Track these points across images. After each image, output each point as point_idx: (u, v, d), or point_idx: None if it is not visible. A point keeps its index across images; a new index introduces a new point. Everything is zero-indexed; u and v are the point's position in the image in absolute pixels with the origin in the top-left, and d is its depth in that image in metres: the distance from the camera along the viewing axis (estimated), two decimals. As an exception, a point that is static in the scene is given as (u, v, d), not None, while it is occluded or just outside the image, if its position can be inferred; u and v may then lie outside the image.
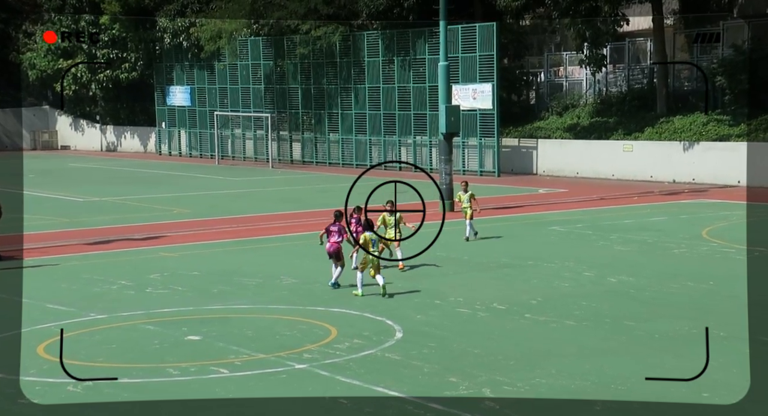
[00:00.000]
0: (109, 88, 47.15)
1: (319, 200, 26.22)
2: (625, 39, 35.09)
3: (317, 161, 40.24)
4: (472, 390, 8.54)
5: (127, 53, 46.08)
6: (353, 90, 38.17)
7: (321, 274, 14.51)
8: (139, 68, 46.44)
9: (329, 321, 11.37)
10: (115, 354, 9.99)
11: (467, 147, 34.36)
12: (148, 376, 9.13)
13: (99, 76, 46.92)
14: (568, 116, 35.24)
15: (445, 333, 10.76)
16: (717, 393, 8.26)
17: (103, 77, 46.87)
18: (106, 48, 46.49)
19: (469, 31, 33.17)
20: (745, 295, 12.38)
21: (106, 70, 46.44)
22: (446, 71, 23.23)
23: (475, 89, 33.03)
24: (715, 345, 9.90)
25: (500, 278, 14.04)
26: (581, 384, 8.65)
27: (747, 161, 27.55)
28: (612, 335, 10.48)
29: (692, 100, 32.42)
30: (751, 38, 30.71)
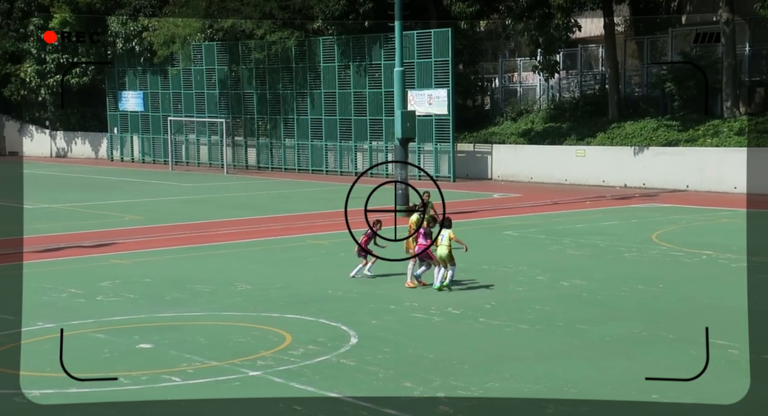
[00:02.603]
0: (59, 93, 46.32)
1: (275, 206, 26.08)
2: (577, 45, 35.62)
3: (273, 166, 40.04)
4: (427, 395, 8.54)
5: (77, 58, 45.34)
6: (309, 95, 38.10)
7: (276, 280, 14.43)
8: (90, 73, 45.74)
9: (284, 327, 11.29)
10: (64, 363, 9.78)
11: (423, 152, 34.51)
12: (97, 386, 8.95)
13: (48, 81, 46.09)
14: (522, 121, 35.63)
15: (401, 337, 10.76)
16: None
17: (53, 82, 46.06)
18: (56, 52, 45.71)
19: (424, 36, 33.36)
20: (694, 298, 12.62)
21: (56, 75, 45.63)
22: (402, 77, 23.32)
23: (431, 95, 33.21)
24: (664, 347, 10.08)
25: (455, 282, 14.09)
26: (534, 387, 8.72)
27: (694, 166, 28.15)
28: (565, 338, 10.58)
29: (643, 106, 33.03)
30: (698, 45, 31.38)
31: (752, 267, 14.80)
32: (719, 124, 28.96)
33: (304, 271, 15.36)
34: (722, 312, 11.67)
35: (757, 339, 10.29)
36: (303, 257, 16.92)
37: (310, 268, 15.72)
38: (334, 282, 14.15)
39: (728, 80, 29.40)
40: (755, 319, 11.35)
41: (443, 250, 13.29)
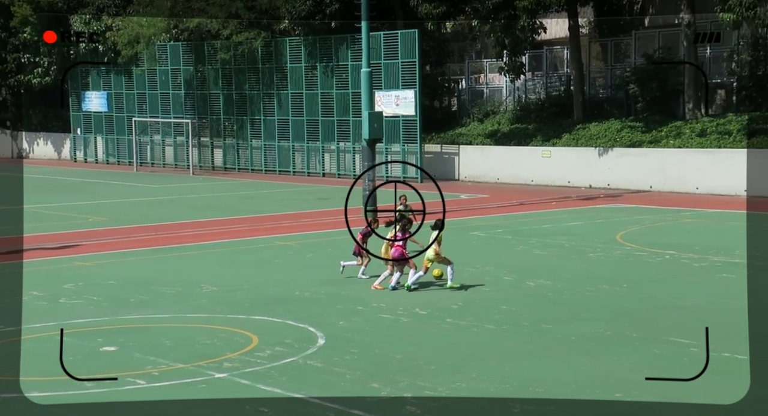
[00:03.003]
0: (20, 93, 45.64)
1: (241, 207, 25.93)
2: (542, 47, 35.93)
3: (239, 167, 39.82)
4: (394, 396, 8.55)
5: (39, 58, 44.68)
6: (276, 96, 37.95)
7: (243, 282, 14.34)
8: (52, 73, 45.09)
9: (250, 328, 11.23)
10: (25, 367, 9.63)
11: (390, 153, 34.55)
12: (59, 389, 8.83)
13: (9, 81, 45.36)
14: (489, 122, 35.84)
15: (368, 338, 10.76)
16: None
17: (14, 82, 45.33)
18: (17, 52, 45.00)
19: (391, 37, 33.40)
20: (657, 297, 12.79)
21: (18, 75, 44.93)
22: (369, 78, 23.31)
23: (398, 96, 33.26)
24: (628, 346, 10.20)
25: (422, 283, 14.12)
26: (501, 386, 8.77)
27: (657, 167, 28.54)
28: (531, 338, 10.66)
29: (607, 108, 33.41)
30: (661, 47, 31.85)
31: (713, 267, 15.05)
32: (681, 125, 29.39)
33: (271, 272, 15.30)
34: (684, 311, 11.84)
35: (716, 337, 10.45)
36: (270, 258, 16.84)
37: (277, 269, 15.65)
38: (301, 283, 14.11)
39: (690, 82, 29.85)
40: (716, 317, 11.54)
41: (430, 252, 13.28)
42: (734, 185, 26.55)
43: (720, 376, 8.72)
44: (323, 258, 16.72)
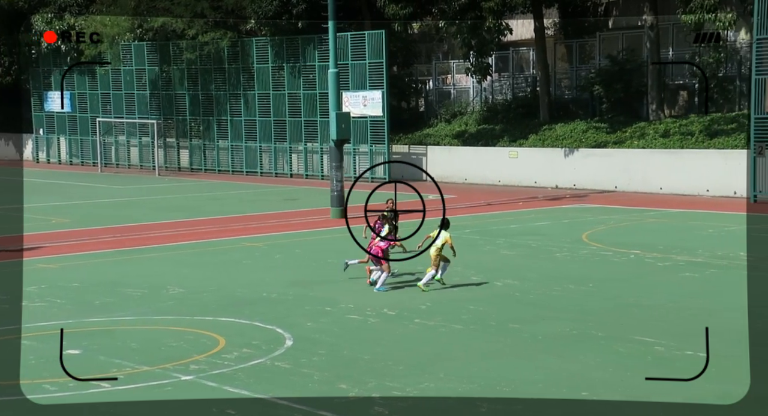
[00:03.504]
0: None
1: (208, 208, 25.74)
2: (509, 48, 36.17)
3: (206, 168, 39.53)
4: (362, 397, 8.55)
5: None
6: (242, 96, 37.75)
7: (209, 283, 14.24)
8: (13, 72, 44.34)
9: (217, 330, 11.15)
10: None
11: (358, 154, 34.54)
12: (22, 393, 8.68)
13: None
14: (456, 123, 35.99)
15: (336, 339, 10.74)
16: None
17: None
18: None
19: (358, 38, 33.40)
20: (622, 296, 12.93)
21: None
22: (336, 78, 23.27)
23: (365, 96, 33.26)
24: (593, 345, 10.30)
25: (391, 283, 14.13)
26: (468, 386, 8.81)
27: (622, 167, 28.87)
28: (498, 338, 10.72)
29: (572, 109, 33.73)
30: (624, 49, 32.24)
31: (676, 266, 15.27)
32: (645, 126, 29.76)
33: (239, 274, 15.21)
34: (649, 310, 11.98)
35: (679, 336, 10.60)
36: (237, 259, 16.74)
37: (245, 271, 15.56)
38: (269, 285, 14.04)
39: (653, 83, 30.25)
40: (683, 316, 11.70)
41: (433, 251, 13.38)
42: (697, 185, 26.95)
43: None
44: (291, 259, 16.67)
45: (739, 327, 10.88)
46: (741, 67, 29.44)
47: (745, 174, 25.14)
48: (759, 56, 24.52)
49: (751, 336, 10.44)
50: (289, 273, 15.07)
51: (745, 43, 29.22)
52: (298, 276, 14.77)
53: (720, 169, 26.49)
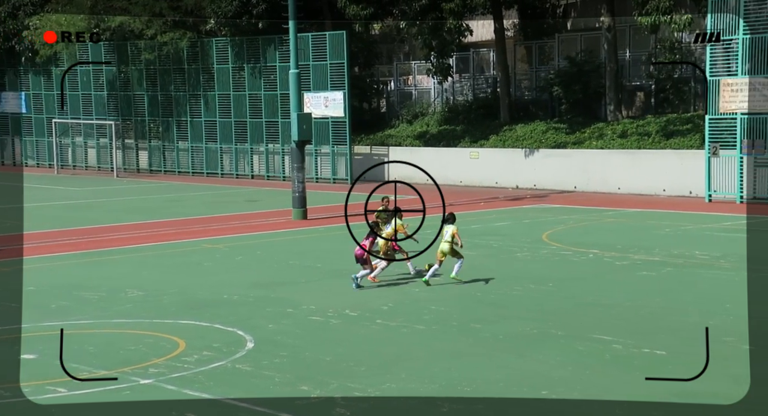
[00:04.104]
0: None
1: (168, 210, 25.47)
2: (469, 49, 36.39)
3: (166, 169, 39.13)
4: (323, 398, 8.53)
5: None
6: (203, 97, 37.44)
7: (169, 285, 14.10)
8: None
9: (177, 333, 11.04)
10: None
11: (320, 155, 34.48)
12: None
13: None
14: (418, 123, 36.11)
15: (298, 341, 10.70)
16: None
17: None
18: None
19: (319, 39, 33.33)
20: (581, 296, 13.08)
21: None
22: (297, 79, 23.20)
23: (327, 97, 33.21)
24: (553, 344, 10.40)
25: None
26: (430, 386, 8.83)
27: (581, 168, 29.22)
28: (459, 338, 10.77)
29: (532, 109, 34.05)
30: (583, 50, 32.64)
31: (633, 265, 15.50)
32: (603, 127, 30.16)
33: (199, 276, 15.07)
34: (607, 309, 12.14)
35: (637, 334, 10.76)
36: (197, 261, 16.59)
37: (205, 273, 15.43)
38: (230, 287, 13.94)
39: (611, 84, 30.66)
40: (643, 315, 11.88)
41: (445, 246, 13.57)
42: (654, 185, 27.38)
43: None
44: (252, 261, 16.57)
45: (694, 325, 11.07)
46: (695, 69, 29.98)
47: (700, 174, 25.61)
48: (713, 58, 25.00)
49: (703, 332, 10.63)
50: (250, 275, 14.98)
51: (700, 45, 29.76)
52: (259, 278, 14.69)
53: (676, 169, 26.94)
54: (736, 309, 11.80)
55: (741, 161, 24.53)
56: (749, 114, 24.10)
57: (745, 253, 16.19)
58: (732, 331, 10.66)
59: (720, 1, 24.70)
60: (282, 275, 15.02)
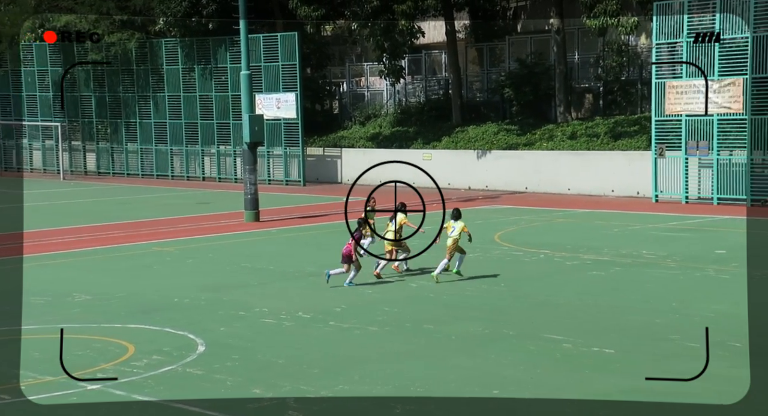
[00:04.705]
0: None
1: (117, 213, 25.05)
2: (421, 51, 36.55)
3: (114, 172, 38.53)
4: (276, 401, 8.47)
5: None
6: (152, 98, 36.94)
7: (118, 289, 13.86)
8: None
9: (126, 337, 10.85)
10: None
11: (272, 156, 34.27)
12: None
13: None
14: (371, 125, 36.13)
15: (250, 344, 10.61)
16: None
17: None
18: None
19: (270, 40, 33.14)
20: (532, 295, 13.22)
21: None
22: (248, 80, 23.03)
23: (279, 98, 33.03)
24: (505, 344, 10.48)
25: (306, 286, 14.09)
26: (383, 387, 8.83)
27: (532, 169, 29.55)
28: (412, 338, 10.79)
29: (484, 111, 34.33)
30: (533, 52, 33.03)
31: (583, 265, 15.72)
32: (553, 128, 30.55)
33: (149, 279, 14.85)
34: (558, 308, 12.28)
35: (587, 333, 10.91)
36: (147, 264, 16.35)
37: (155, 276, 15.21)
38: (180, 290, 13.76)
39: (560, 86, 31.07)
40: (591, 314, 12.04)
41: (450, 241, 13.88)
42: (603, 185, 27.81)
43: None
44: (204, 264, 16.39)
45: (642, 323, 11.27)
46: (642, 71, 30.56)
47: (647, 175, 26.09)
48: (658, 60, 25.50)
49: (654, 331, 10.83)
50: (201, 278, 14.81)
51: (646, 48, 30.35)
52: (211, 281, 14.53)
53: (624, 170, 27.41)
54: (682, 308, 12.05)
55: (686, 162, 25.07)
56: (693, 116, 24.65)
57: (690, 253, 16.55)
58: (678, 329, 10.87)
59: (665, 6, 25.23)
60: (234, 277, 14.89)
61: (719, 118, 24.16)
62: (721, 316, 11.49)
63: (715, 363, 9.33)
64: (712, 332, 10.60)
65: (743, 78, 23.52)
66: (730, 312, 11.71)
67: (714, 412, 8.02)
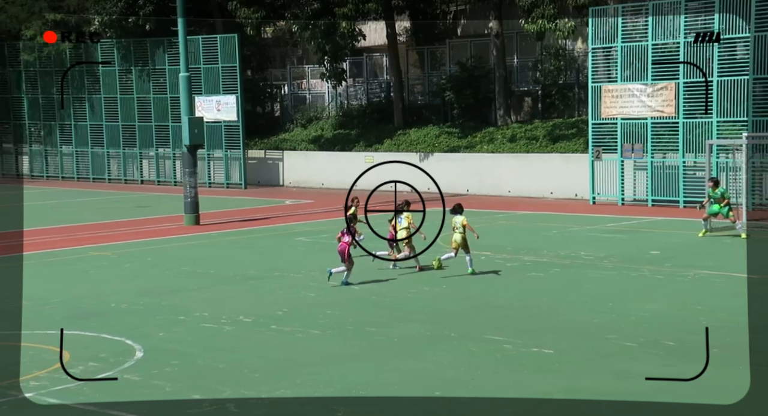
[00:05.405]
0: None
1: (51, 216, 24.45)
2: (363, 54, 36.60)
3: (48, 175, 37.63)
4: (216, 406, 8.36)
5: None
6: (88, 100, 36.19)
7: (53, 295, 13.52)
8: None
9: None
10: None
11: (213, 159, 33.90)
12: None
13: None
14: (313, 128, 36.02)
15: (189, 349, 10.46)
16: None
17: None
18: None
19: (210, 42, 32.79)
20: (473, 297, 13.34)
21: None
22: (187, 82, 22.73)
23: (219, 101, 32.69)
24: (446, 345, 10.55)
25: (247, 290, 13.96)
26: (325, 390, 8.80)
27: (473, 171, 29.85)
28: (354, 341, 10.78)
29: (426, 114, 34.53)
30: (473, 56, 33.37)
31: (523, 266, 15.93)
32: (494, 131, 30.90)
33: (85, 284, 14.53)
34: (498, 310, 12.42)
35: (526, 333, 11.06)
36: (83, 269, 15.99)
37: (92, 281, 14.89)
38: (118, 295, 13.50)
39: (500, 90, 31.46)
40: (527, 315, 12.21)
41: (458, 236, 14.32)
42: (542, 187, 28.24)
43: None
44: (142, 268, 16.11)
45: (580, 324, 11.47)
46: (579, 75, 31.15)
47: (584, 177, 26.59)
48: (594, 64, 26.03)
49: (591, 331, 11.03)
50: (140, 282, 14.55)
51: (582, 52, 30.95)
52: (149, 285, 14.29)
53: (562, 172, 27.88)
54: (618, 307, 12.30)
55: (622, 165, 25.62)
56: (628, 119, 25.21)
57: (627, 253, 16.92)
58: (614, 329, 11.09)
59: (600, 10, 25.76)
60: (174, 282, 14.66)
61: (653, 121, 24.77)
62: (655, 315, 11.76)
63: (650, 361, 9.56)
64: (645, 331, 10.87)
65: (675, 83, 24.16)
66: (664, 311, 12.00)
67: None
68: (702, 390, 8.51)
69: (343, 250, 13.94)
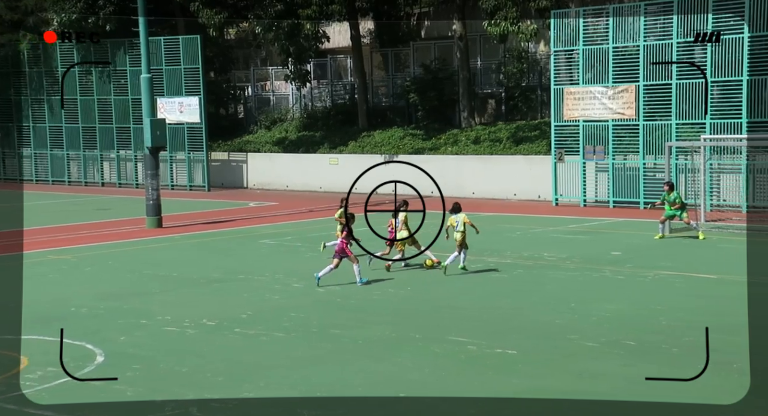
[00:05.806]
0: None
1: (9, 220, 24.02)
2: (327, 56, 36.55)
3: (6, 177, 37.03)
4: (179, 410, 8.27)
5: None
6: (47, 102, 35.65)
7: (10, 299, 13.28)
8: None
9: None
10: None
11: (175, 161, 33.59)
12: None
13: None
14: (277, 130, 35.88)
15: (151, 353, 10.33)
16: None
17: None
18: None
19: (172, 43, 32.50)
20: (438, 299, 13.37)
21: None
22: (149, 84, 22.49)
23: (182, 102, 32.41)
24: (411, 347, 10.56)
25: (211, 293, 13.84)
26: (290, 393, 8.75)
27: (438, 173, 29.92)
28: (319, 344, 10.74)
29: (390, 116, 34.59)
30: (437, 58, 33.50)
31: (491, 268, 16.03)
32: (458, 133, 31.05)
33: (44, 288, 14.28)
34: (461, 311, 12.46)
35: (490, 334, 11.12)
36: (42, 273, 15.72)
37: (51, 285, 14.65)
38: (78, 299, 13.29)
39: (464, 92, 31.63)
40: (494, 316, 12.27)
41: (458, 235, 14.44)
42: (505, 189, 28.44)
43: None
44: (103, 271, 15.89)
45: (543, 324, 11.56)
46: (542, 77, 31.43)
47: (547, 179, 26.83)
48: (556, 67, 26.29)
49: (553, 332, 11.12)
50: (101, 286, 14.35)
51: (545, 55, 31.24)
52: (111, 289, 14.10)
53: (525, 174, 28.10)
54: (580, 308, 12.42)
55: (584, 167, 25.90)
56: (590, 121, 25.50)
57: (589, 254, 17.10)
58: (576, 329, 11.19)
59: (562, 14, 26.03)
60: (135, 285, 14.48)
61: (614, 123, 25.08)
62: (616, 315, 11.90)
63: (611, 360, 9.66)
64: (607, 331, 10.98)
65: (635, 85, 24.49)
66: (625, 312, 12.14)
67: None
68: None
69: (340, 248, 14.05)
